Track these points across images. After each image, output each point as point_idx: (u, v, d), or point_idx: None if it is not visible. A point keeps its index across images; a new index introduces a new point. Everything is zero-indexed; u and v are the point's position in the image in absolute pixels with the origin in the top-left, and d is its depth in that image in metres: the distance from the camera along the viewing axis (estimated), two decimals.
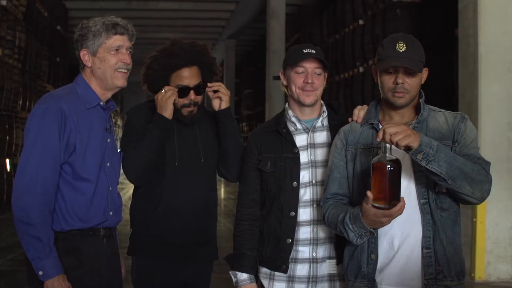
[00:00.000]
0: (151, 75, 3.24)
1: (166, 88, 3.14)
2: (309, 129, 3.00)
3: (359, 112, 2.88)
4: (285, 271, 2.94)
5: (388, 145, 2.49)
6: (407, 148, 2.50)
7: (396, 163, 2.48)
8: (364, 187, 2.64)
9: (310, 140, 2.99)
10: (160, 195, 3.18)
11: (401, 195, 2.49)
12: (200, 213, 3.24)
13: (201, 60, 3.25)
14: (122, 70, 2.87)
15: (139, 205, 3.24)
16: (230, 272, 3.01)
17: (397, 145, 2.48)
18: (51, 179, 2.73)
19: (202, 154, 3.25)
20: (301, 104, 2.98)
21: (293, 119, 3.01)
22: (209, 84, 3.22)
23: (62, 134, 2.74)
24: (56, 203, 2.76)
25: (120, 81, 2.88)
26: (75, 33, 2.90)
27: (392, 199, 2.47)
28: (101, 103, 2.90)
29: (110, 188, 2.89)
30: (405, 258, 2.66)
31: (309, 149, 2.98)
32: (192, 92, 3.19)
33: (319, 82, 2.97)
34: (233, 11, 17.75)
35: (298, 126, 3.01)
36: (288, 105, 3.06)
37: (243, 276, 2.98)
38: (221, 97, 3.21)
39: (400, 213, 2.50)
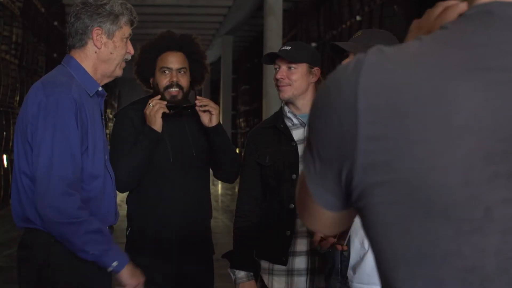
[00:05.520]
0: (141, 58, 3.23)
1: (154, 102, 3.08)
2: (305, 124, 2.99)
3: None
4: (284, 263, 2.93)
5: None
6: None
7: None
8: None
9: (307, 134, 2.96)
10: (159, 194, 3.16)
11: None
12: (197, 209, 3.24)
13: (188, 48, 3.24)
14: (126, 61, 2.69)
15: (137, 204, 3.22)
16: (229, 270, 3.01)
17: None
18: (78, 178, 2.42)
19: (193, 148, 3.23)
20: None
21: (289, 114, 3.01)
22: (197, 102, 3.15)
23: (79, 129, 2.41)
24: None
25: (120, 72, 2.67)
26: (76, 4, 2.54)
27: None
28: (100, 89, 2.60)
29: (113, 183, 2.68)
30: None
31: (305, 142, 2.95)
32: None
33: (294, 76, 2.92)
34: (230, 7, 17.74)
35: (295, 121, 3.00)
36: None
37: (241, 273, 2.98)
38: (211, 111, 3.13)
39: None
